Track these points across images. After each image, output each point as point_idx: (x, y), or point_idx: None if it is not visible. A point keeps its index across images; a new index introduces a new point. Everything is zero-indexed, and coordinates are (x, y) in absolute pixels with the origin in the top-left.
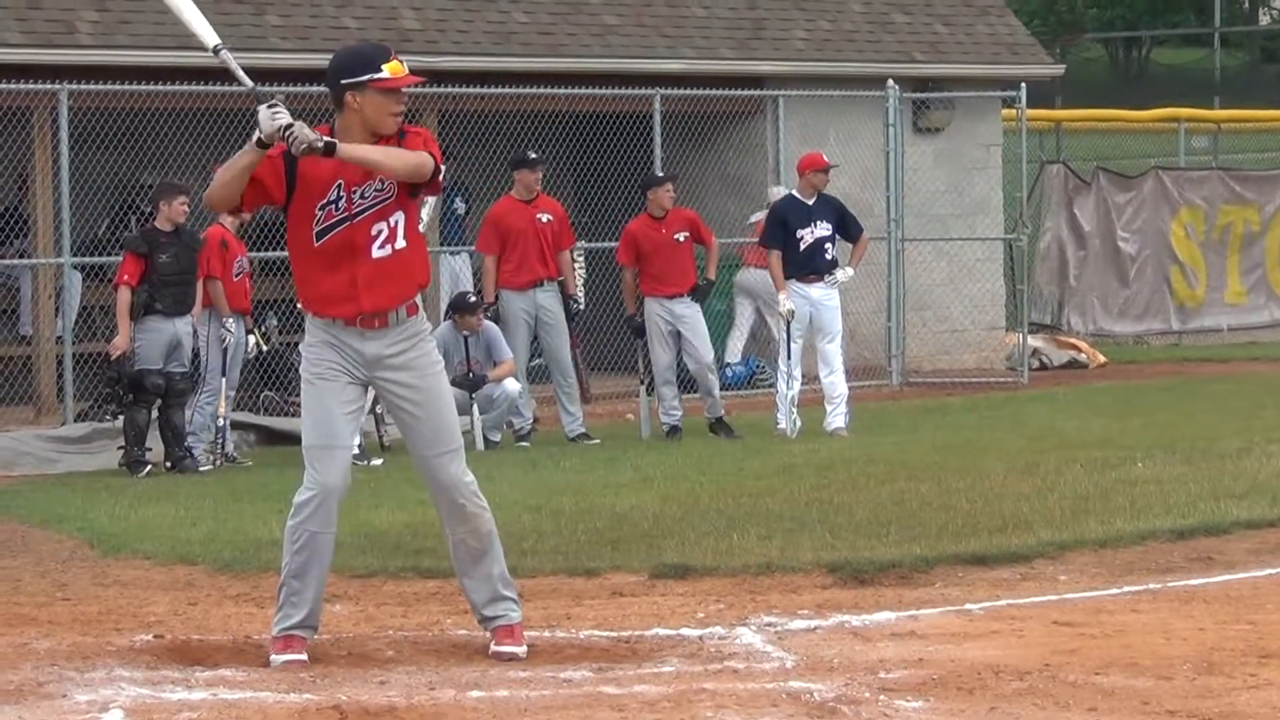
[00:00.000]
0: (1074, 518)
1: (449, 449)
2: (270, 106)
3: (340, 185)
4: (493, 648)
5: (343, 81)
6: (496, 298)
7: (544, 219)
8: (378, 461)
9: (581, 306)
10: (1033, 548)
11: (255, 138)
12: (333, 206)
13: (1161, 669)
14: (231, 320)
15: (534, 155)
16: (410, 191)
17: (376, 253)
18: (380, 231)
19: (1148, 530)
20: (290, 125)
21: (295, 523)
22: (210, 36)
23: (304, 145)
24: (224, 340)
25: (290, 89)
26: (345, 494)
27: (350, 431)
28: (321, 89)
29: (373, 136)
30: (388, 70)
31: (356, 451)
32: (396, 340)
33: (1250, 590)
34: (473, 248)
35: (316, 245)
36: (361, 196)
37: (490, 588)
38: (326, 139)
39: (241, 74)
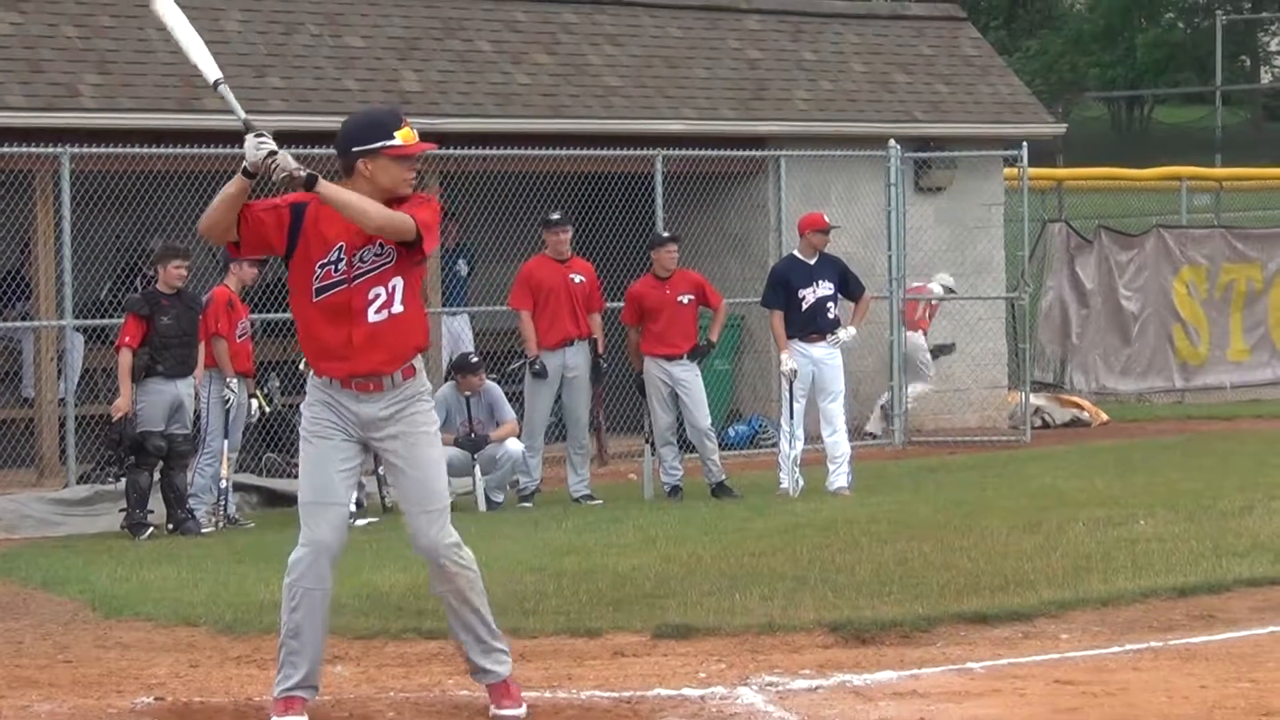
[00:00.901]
0: (1076, 576)
1: (430, 509)
2: (257, 135)
3: (342, 248)
4: (493, 710)
5: (354, 149)
6: (538, 353)
7: (577, 279)
8: (363, 521)
9: (606, 367)
10: (1034, 606)
11: (243, 167)
12: (332, 267)
13: None
14: (235, 381)
15: (556, 216)
16: (412, 258)
17: (373, 317)
18: (377, 296)
19: (1149, 588)
20: (274, 153)
21: (290, 580)
22: (212, 71)
23: (284, 174)
24: (227, 401)
25: (293, 151)
26: (339, 551)
27: (345, 490)
28: (324, 151)
29: (385, 201)
30: (400, 137)
31: (354, 510)
32: (391, 403)
33: (1252, 648)
34: (474, 309)
35: (315, 301)
36: (360, 260)
37: (478, 641)
38: (308, 171)
39: (237, 106)
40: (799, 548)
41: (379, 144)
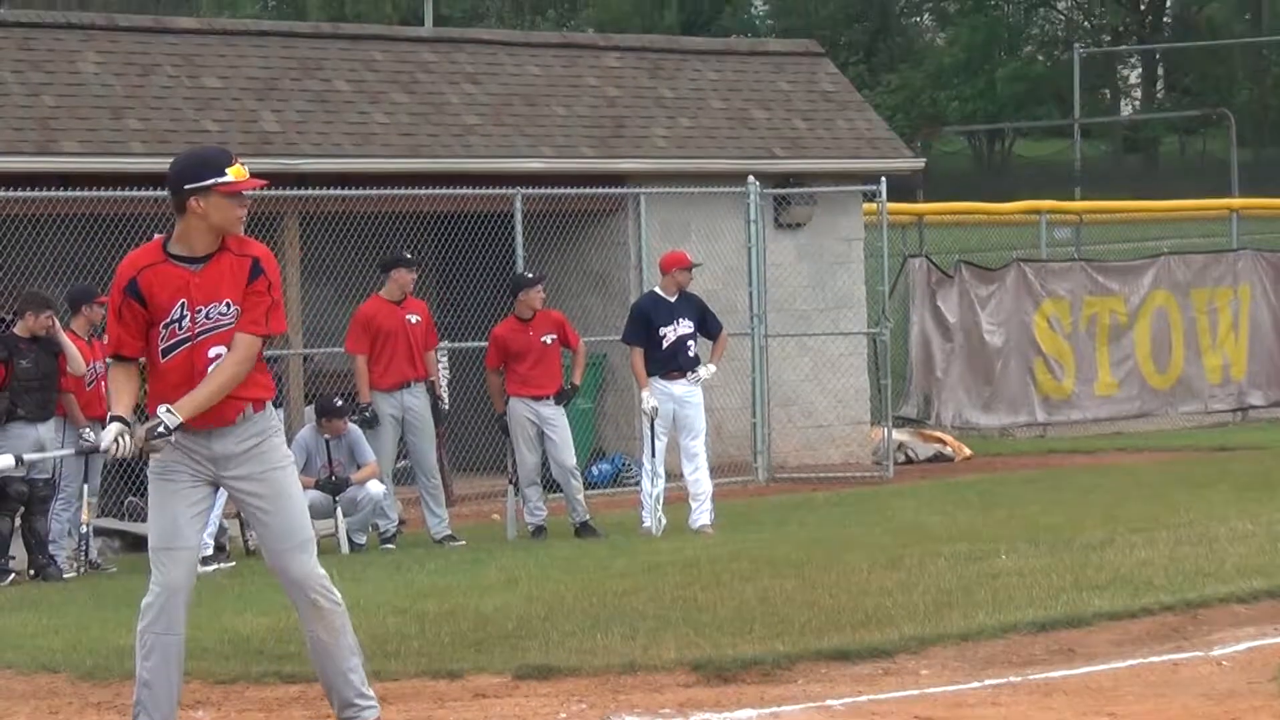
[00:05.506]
0: (936, 611)
1: (297, 542)
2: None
3: (184, 304)
4: None
5: (186, 186)
6: (369, 401)
7: (413, 320)
8: (226, 565)
9: (447, 407)
10: (895, 642)
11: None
12: (176, 325)
13: None
14: (88, 430)
15: (409, 255)
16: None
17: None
18: (219, 355)
19: (1009, 623)
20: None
21: (142, 627)
22: None
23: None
24: (82, 450)
25: (149, 193)
26: (189, 594)
27: (194, 532)
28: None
29: (217, 237)
30: (231, 174)
31: (212, 553)
32: (244, 438)
33: (1111, 681)
34: (309, 350)
35: (162, 361)
36: (206, 317)
37: (347, 683)
38: (162, 428)
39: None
40: (661, 586)
41: (211, 181)
